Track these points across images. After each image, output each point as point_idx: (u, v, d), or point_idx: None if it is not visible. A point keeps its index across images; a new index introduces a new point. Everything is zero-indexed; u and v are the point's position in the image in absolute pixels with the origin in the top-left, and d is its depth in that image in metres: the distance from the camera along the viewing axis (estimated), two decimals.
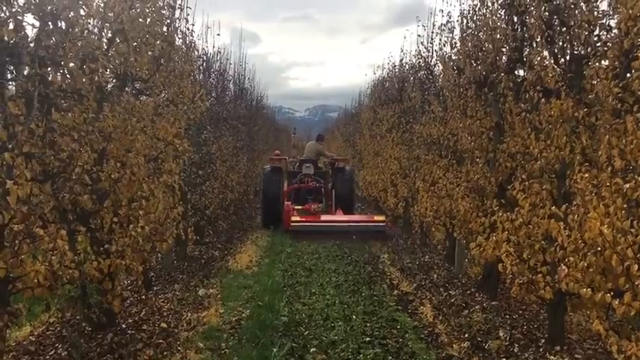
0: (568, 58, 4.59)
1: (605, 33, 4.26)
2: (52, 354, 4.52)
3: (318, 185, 13.33)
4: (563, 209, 4.10)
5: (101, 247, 4.35)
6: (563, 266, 3.84)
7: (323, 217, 11.87)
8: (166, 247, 5.51)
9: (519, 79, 5.47)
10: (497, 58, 5.85)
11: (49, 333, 5.00)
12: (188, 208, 7.99)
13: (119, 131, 4.53)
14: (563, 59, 4.63)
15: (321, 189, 13.48)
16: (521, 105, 5.24)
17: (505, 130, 5.81)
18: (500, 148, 5.77)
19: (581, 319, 5.42)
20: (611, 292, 3.27)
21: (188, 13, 6.73)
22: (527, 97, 4.94)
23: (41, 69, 3.53)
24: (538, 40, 4.87)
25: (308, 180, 13.28)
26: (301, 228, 10.97)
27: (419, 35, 9.57)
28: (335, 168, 13.71)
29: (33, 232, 3.42)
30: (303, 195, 13.10)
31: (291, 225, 11.11)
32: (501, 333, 5.17)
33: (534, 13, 4.92)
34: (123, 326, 5.07)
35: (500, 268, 4.84)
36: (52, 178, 3.81)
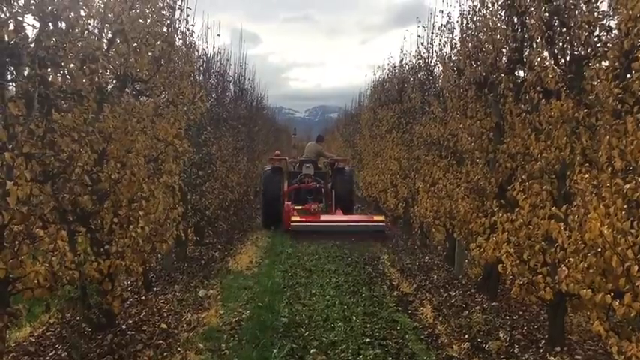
0: (568, 58, 4.59)
1: (605, 34, 4.25)
2: (52, 354, 4.52)
3: (318, 186, 13.36)
4: (563, 210, 4.10)
5: (101, 248, 4.35)
6: (563, 267, 3.84)
7: (323, 217, 11.91)
8: (166, 248, 5.51)
9: (519, 79, 5.47)
10: (498, 58, 5.85)
11: (49, 334, 5.00)
12: (188, 208, 7.99)
13: (119, 132, 4.53)
14: (563, 60, 4.62)
15: (321, 189, 13.50)
16: (522, 106, 5.24)
17: (505, 131, 5.81)
18: (501, 148, 5.77)
19: (582, 319, 5.42)
20: (612, 293, 3.27)
21: (188, 13, 6.73)
22: (528, 98, 4.94)
23: (41, 70, 3.53)
24: (538, 41, 4.86)
25: (308, 180, 13.31)
26: (301, 228, 11.02)
27: (419, 36, 9.58)
28: (335, 168, 13.75)
29: (33, 233, 3.42)
30: (303, 195, 13.13)
31: (291, 225, 11.16)
32: (501, 334, 5.17)
33: (534, 13, 4.91)
34: (123, 327, 5.07)
35: (501, 268, 4.84)
36: (52, 178, 3.81)
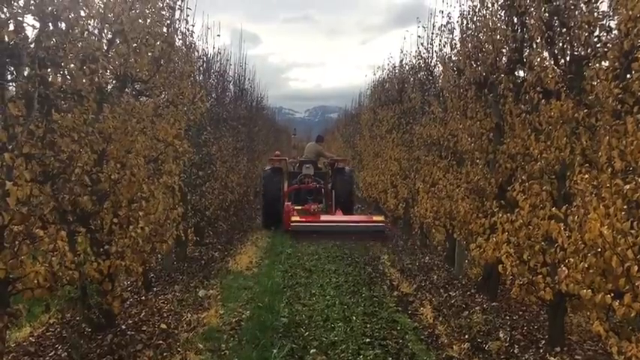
0: (568, 59, 4.59)
1: (605, 34, 4.25)
2: (51, 355, 4.52)
3: (318, 186, 13.37)
4: (563, 210, 4.10)
5: (101, 248, 4.35)
6: (563, 267, 3.84)
7: (322, 218, 11.93)
8: (166, 248, 5.51)
9: (519, 80, 5.47)
10: (498, 59, 5.85)
11: (48, 334, 4.99)
12: (188, 209, 7.99)
13: (119, 132, 4.53)
14: (563, 60, 4.62)
15: (321, 189, 13.51)
16: (521, 106, 5.24)
17: (505, 131, 5.81)
18: (501, 149, 5.77)
19: (582, 320, 5.41)
20: (612, 293, 3.27)
21: (188, 14, 6.73)
22: (527, 98, 4.93)
23: (41, 70, 3.53)
24: (538, 41, 4.86)
25: (308, 180, 13.32)
26: (301, 228, 11.06)
27: (419, 36, 9.58)
28: (335, 169, 13.77)
29: (33, 233, 3.43)
30: (303, 195, 13.15)
31: (291, 225, 11.18)
32: (501, 334, 5.17)
33: (534, 14, 4.91)
34: (123, 327, 5.06)
35: (501, 269, 4.83)
36: (52, 179, 3.81)
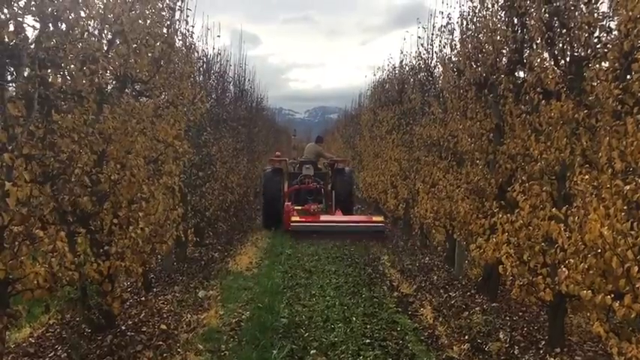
0: (568, 59, 4.58)
1: (605, 35, 4.25)
2: (51, 356, 4.51)
3: (318, 186, 13.41)
4: (563, 211, 4.09)
5: (101, 249, 4.35)
6: (563, 268, 3.83)
7: (322, 218, 11.99)
8: (166, 249, 5.50)
9: (519, 80, 5.47)
10: (498, 59, 5.85)
11: (48, 335, 4.99)
12: (188, 209, 7.98)
13: (119, 133, 4.53)
14: (563, 61, 4.62)
15: (321, 190, 13.54)
16: (522, 106, 5.23)
17: (505, 132, 5.81)
18: (501, 149, 5.77)
19: (582, 321, 5.41)
20: (612, 294, 3.26)
21: (188, 14, 6.74)
22: (528, 99, 4.93)
23: (41, 70, 3.53)
24: (538, 42, 4.86)
25: (308, 181, 13.36)
26: (301, 228, 11.13)
27: (419, 37, 9.57)
28: (334, 169, 13.81)
29: (33, 234, 3.42)
30: (303, 196, 13.19)
31: (291, 225, 11.22)
32: (501, 335, 5.17)
33: (534, 14, 4.91)
34: (122, 328, 5.06)
35: (501, 269, 4.83)
36: (52, 179, 3.81)
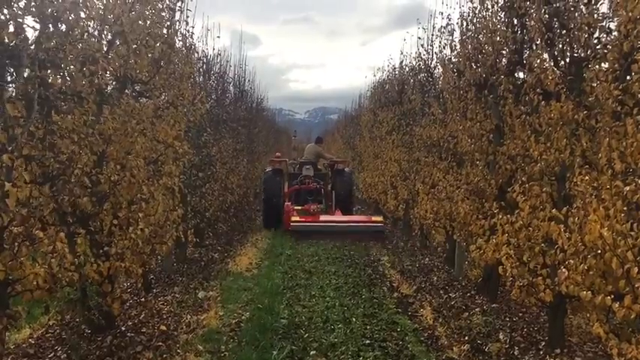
0: (568, 60, 4.58)
1: (605, 35, 4.25)
2: (51, 357, 4.52)
3: (318, 186, 13.44)
4: (563, 212, 4.09)
5: (101, 250, 4.35)
6: (563, 269, 3.83)
7: (322, 218, 12.05)
8: (166, 250, 5.50)
9: (519, 81, 5.47)
10: (497, 60, 5.85)
11: (48, 335, 4.99)
12: (188, 210, 7.99)
13: (119, 133, 4.53)
14: (563, 62, 4.62)
15: (321, 190, 13.58)
16: (521, 107, 5.23)
17: (505, 133, 5.81)
18: (500, 150, 5.77)
19: (582, 321, 5.41)
20: (612, 295, 3.26)
21: (188, 15, 6.76)
22: (527, 100, 4.93)
23: (41, 71, 3.53)
24: (538, 43, 4.86)
25: (308, 181, 13.40)
26: (301, 228, 11.20)
27: (419, 38, 9.58)
28: (334, 170, 13.84)
29: (32, 235, 3.42)
30: (303, 196, 13.23)
31: (291, 225, 11.27)
32: (501, 336, 5.17)
33: (534, 15, 4.91)
34: (122, 329, 5.06)
35: (500, 270, 4.83)
36: (52, 180, 3.81)
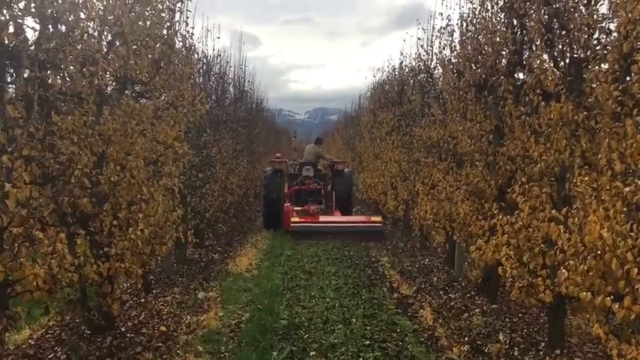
0: (568, 61, 4.59)
1: (605, 36, 4.26)
2: (51, 357, 4.51)
3: (318, 187, 13.46)
4: (563, 212, 4.09)
5: (100, 251, 4.35)
6: (563, 270, 3.83)
7: (321, 218, 12.08)
8: (166, 251, 5.50)
9: (519, 82, 5.47)
10: (497, 61, 5.86)
11: (48, 336, 4.99)
12: (188, 211, 7.99)
13: (119, 134, 4.53)
14: (562, 62, 4.63)
15: (321, 191, 13.59)
16: (521, 108, 5.24)
17: (505, 133, 5.81)
18: (500, 151, 5.77)
19: (581, 322, 5.41)
20: (611, 296, 3.26)
21: (188, 16, 6.76)
22: (527, 101, 4.94)
23: (41, 72, 3.54)
24: (538, 44, 4.87)
25: (308, 182, 13.41)
26: (300, 228, 11.23)
27: (419, 38, 9.59)
28: (334, 170, 13.86)
29: (32, 235, 3.42)
30: (303, 197, 13.24)
31: (291, 226, 11.29)
32: (501, 336, 5.17)
33: (534, 16, 4.92)
34: (122, 329, 5.06)
35: (500, 271, 4.83)
36: (52, 181, 3.81)
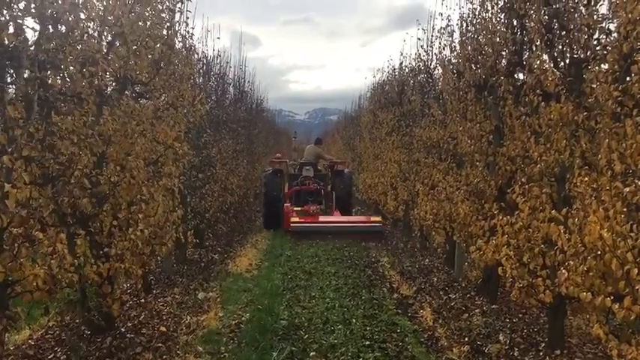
0: (568, 61, 4.59)
1: (605, 37, 4.26)
2: (50, 358, 4.51)
3: (318, 187, 13.47)
4: (563, 213, 4.10)
5: (100, 251, 4.35)
6: (563, 270, 3.83)
7: (321, 218, 12.10)
8: (166, 251, 5.50)
9: (519, 82, 5.47)
10: (497, 61, 5.86)
11: (48, 337, 4.99)
12: (188, 211, 7.99)
13: (119, 134, 4.53)
14: (562, 63, 4.63)
15: (321, 191, 13.60)
16: (521, 108, 5.24)
17: (505, 134, 5.81)
18: (500, 151, 5.77)
19: (581, 323, 5.41)
20: (611, 296, 3.26)
21: (188, 16, 6.77)
22: (527, 101, 4.94)
23: (41, 72, 3.54)
24: (538, 44, 4.87)
25: (308, 182, 13.42)
26: (300, 229, 11.26)
27: (419, 39, 9.60)
28: (334, 171, 13.87)
29: (32, 236, 3.42)
30: (303, 197, 13.25)
31: (291, 226, 11.30)
32: (501, 337, 5.16)
33: (534, 16, 4.92)
34: (122, 330, 5.06)
35: (500, 271, 4.83)
36: (52, 181, 3.81)
